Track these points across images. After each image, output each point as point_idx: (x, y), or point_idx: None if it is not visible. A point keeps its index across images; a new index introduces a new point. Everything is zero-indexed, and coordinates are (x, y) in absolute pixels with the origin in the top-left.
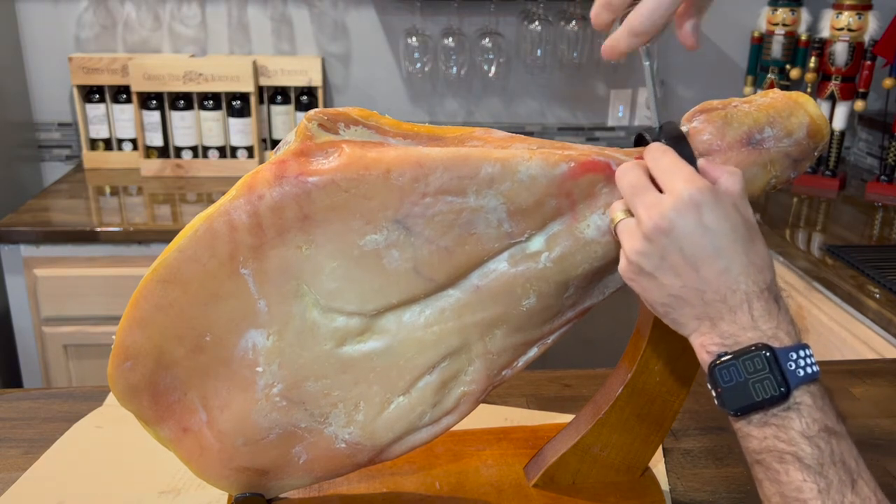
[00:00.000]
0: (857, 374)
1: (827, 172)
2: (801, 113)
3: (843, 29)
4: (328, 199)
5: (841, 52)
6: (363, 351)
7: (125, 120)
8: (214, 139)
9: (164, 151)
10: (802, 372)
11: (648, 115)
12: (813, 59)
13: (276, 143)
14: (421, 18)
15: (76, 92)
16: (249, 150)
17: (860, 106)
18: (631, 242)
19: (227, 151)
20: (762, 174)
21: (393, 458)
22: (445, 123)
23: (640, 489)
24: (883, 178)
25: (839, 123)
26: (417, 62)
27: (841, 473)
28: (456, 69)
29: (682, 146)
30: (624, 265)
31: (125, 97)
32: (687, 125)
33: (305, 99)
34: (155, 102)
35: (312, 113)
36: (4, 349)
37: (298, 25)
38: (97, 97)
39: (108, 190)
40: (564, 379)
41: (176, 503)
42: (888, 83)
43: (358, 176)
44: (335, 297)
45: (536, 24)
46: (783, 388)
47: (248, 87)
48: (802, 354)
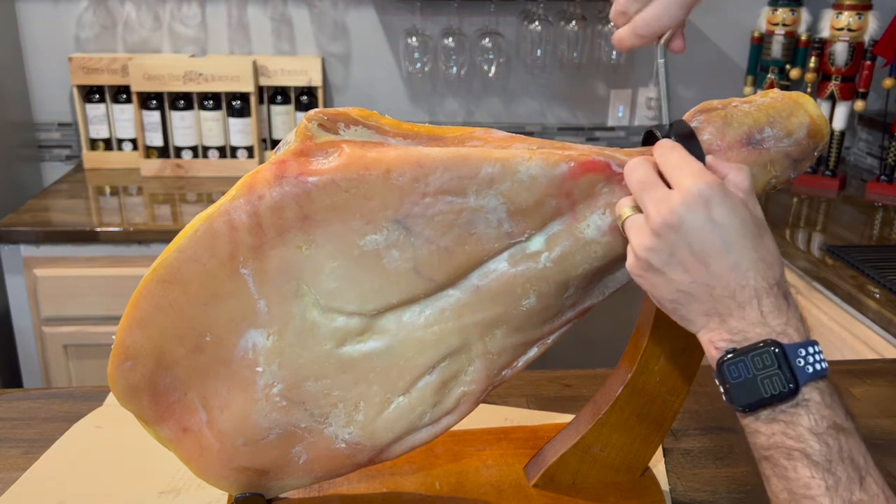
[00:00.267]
0: (857, 374)
1: (827, 172)
2: (801, 113)
3: (843, 29)
4: (328, 199)
5: (841, 52)
6: (363, 351)
7: (125, 120)
8: (214, 139)
9: (164, 151)
10: (811, 368)
11: (649, 114)
12: (813, 59)
13: (276, 143)
14: (421, 18)
15: (76, 92)
16: (249, 150)
17: (860, 106)
18: (639, 238)
19: (227, 151)
20: (762, 174)
21: (393, 458)
22: (445, 123)
23: (640, 489)
24: (883, 178)
25: (839, 123)
26: (417, 62)
27: (849, 470)
28: (456, 69)
29: (691, 143)
30: (632, 261)
31: (125, 97)
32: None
33: (305, 99)
34: (155, 102)
35: (312, 113)
36: (4, 349)
37: (298, 25)
38: (97, 97)
39: (108, 190)
40: (564, 379)
41: (176, 503)
42: (888, 83)
43: (358, 176)
44: (335, 297)
45: (536, 24)
46: (792, 384)
47: (248, 87)
48: (811, 351)
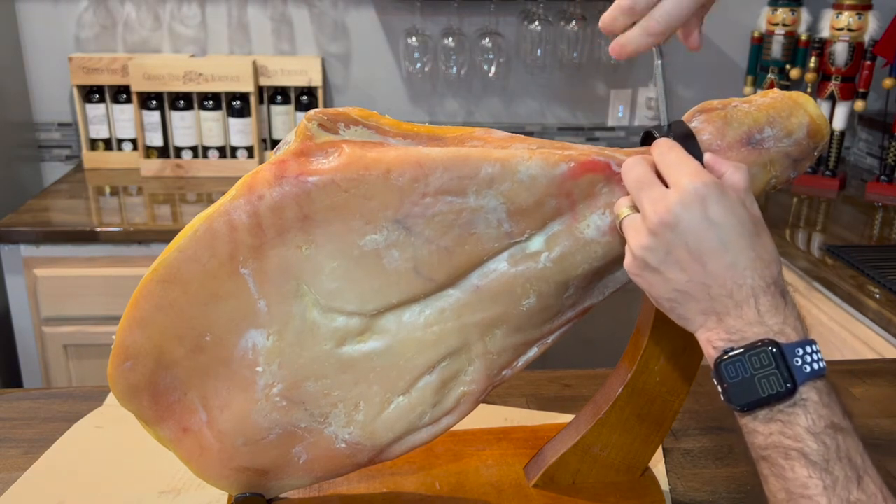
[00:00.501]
0: (857, 374)
1: (827, 172)
2: (800, 113)
3: (843, 29)
4: (328, 199)
5: (841, 52)
6: (363, 351)
7: (125, 120)
8: (214, 139)
9: (164, 151)
10: (809, 368)
11: (649, 114)
12: (813, 59)
13: (276, 143)
14: (421, 18)
15: (76, 92)
16: (249, 150)
17: (860, 106)
18: (636, 238)
19: (227, 151)
20: (762, 174)
21: (393, 458)
22: (445, 123)
23: (640, 489)
24: (883, 178)
25: (839, 123)
26: (417, 62)
27: (847, 470)
28: (456, 69)
29: (689, 143)
30: (629, 261)
31: (125, 97)
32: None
33: (305, 99)
34: (155, 102)
35: (312, 113)
36: (4, 349)
37: (298, 25)
38: (97, 97)
39: (108, 190)
40: (564, 379)
41: (176, 503)
42: (888, 83)
43: (358, 176)
44: (335, 297)
45: (536, 24)
46: (789, 384)
47: (248, 87)
48: (809, 350)
